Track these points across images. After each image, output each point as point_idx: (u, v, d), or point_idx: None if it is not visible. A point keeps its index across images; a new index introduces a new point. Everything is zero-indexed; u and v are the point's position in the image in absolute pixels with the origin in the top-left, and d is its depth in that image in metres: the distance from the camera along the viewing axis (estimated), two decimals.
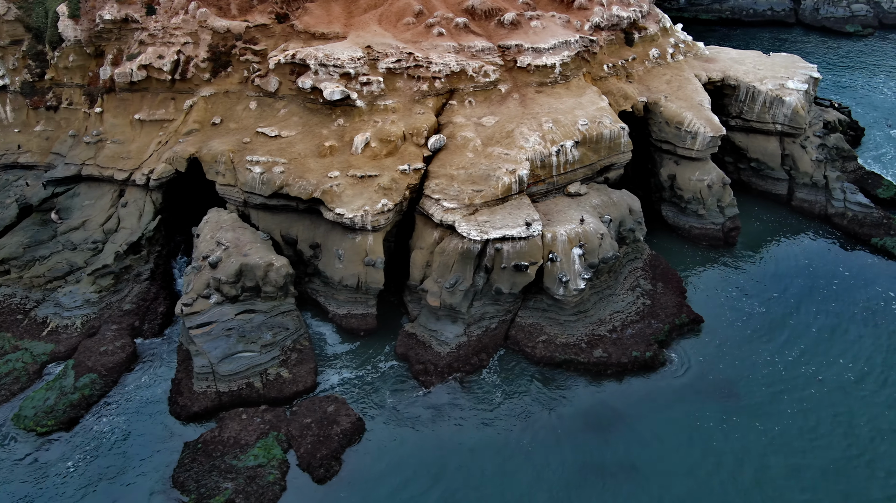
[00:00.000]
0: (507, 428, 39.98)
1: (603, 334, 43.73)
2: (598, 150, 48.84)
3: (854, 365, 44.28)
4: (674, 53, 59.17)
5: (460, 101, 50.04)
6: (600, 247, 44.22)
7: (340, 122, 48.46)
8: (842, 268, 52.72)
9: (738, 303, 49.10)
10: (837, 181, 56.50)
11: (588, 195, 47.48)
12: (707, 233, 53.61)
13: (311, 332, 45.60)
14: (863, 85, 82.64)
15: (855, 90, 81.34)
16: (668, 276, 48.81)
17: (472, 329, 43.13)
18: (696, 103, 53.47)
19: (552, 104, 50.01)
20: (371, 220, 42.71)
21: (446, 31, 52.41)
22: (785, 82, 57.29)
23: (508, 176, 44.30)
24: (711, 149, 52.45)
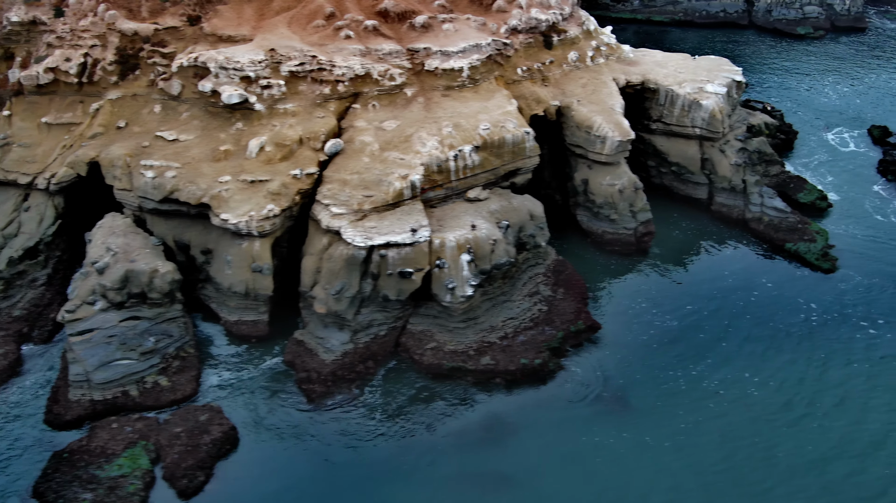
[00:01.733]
0: (386, 442, 39.27)
1: (493, 341, 43.22)
2: (502, 154, 48.32)
3: (759, 379, 43.38)
4: (594, 56, 58.65)
5: (364, 105, 49.52)
6: (493, 253, 43.70)
7: (239, 125, 47.94)
8: (756, 276, 52.03)
9: (643, 313, 48.47)
10: (756, 185, 56.01)
11: (488, 200, 46.94)
12: (619, 238, 53.12)
13: (202, 339, 45.07)
14: (808, 87, 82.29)
15: (799, 92, 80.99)
16: (572, 283, 48.28)
17: (359, 336, 42.60)
18: (607, 107, 52.98)
19: (457, 108, 49.49)
20: (256, 226, 42.19)
21: (355, 33, 51.87)
22: (704, 86, 56.82)
23: (400, 181, 43.78)
24: (621, 153, 51.96)
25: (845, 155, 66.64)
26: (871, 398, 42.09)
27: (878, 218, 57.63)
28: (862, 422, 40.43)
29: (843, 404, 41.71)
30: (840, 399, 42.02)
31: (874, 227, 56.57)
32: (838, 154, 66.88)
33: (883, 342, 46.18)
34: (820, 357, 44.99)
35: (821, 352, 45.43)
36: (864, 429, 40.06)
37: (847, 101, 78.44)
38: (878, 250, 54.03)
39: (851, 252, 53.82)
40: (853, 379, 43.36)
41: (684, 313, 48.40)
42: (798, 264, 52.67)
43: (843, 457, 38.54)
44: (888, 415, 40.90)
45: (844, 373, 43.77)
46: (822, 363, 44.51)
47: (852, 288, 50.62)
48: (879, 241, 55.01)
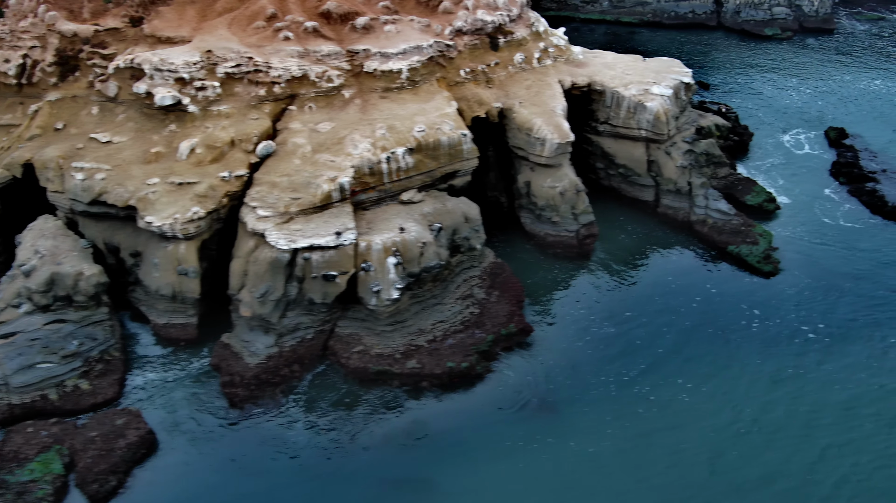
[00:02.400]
0: (307, 448, 38.81)
1: (421, 345, 42.97)
2: (437, 157, 48.07)
3: (692, 386, 42.90)
4: (541, 58, 58.43)
5: (300, 107, 49.27)
6: (422, 255, 43.47)
7: (172, 127, 47.66)
8: (699, 280, 51.57)
9: (580, 317, 48.11)
10: (702, 188, 55.78)
11: (422, 203, 46.70)
12: (561, 240, 52.88)
13: (131, 342, 44.80)
14: (772, 88, 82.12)
15: (762, 94, 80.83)
16: (508, 285, 48.05)
17: (284, 340, 42.33)
18: (549, 109, 52.76)
19: (394, 110, 49.27)
20: (180, 229, 41.92)
21: (294, 35, 51.60)
22: (650, 88, 56.61)
23: (328, 183, 43.53)
24: (561, 155, 51.73)
25: (799, 157, 66.45)
26: (801, 406, 41.72)
27: (825, 221, 57.44)
28: (785, 429, 40.17)
29: (772, 412, 41.34)
30: (770, 407, 41.67)
31: (820, 230, 56.38)
32: (792, 156, 66.70)
33: (821, 347, 45.83)
34: (756, 363, 44.60)
35: (757, 358, 45.01)
36: (787, 437, 39.73)
37: (809, 103, 78.29)
38: (822, 253, 53.85)
39: (795, 255, 53.64)
40: (786, 386, 43.00)
41: (622, 318, 48.02)
42: (740, 268, 52.39)
43: (760, 466, 38.31)
44: (816, 424, 40.52)
45: (778, 380, 43.40)
46: (757, 369, 44.07)
47: (793, 292, 50.35)
48: (824, 244, 54.82)
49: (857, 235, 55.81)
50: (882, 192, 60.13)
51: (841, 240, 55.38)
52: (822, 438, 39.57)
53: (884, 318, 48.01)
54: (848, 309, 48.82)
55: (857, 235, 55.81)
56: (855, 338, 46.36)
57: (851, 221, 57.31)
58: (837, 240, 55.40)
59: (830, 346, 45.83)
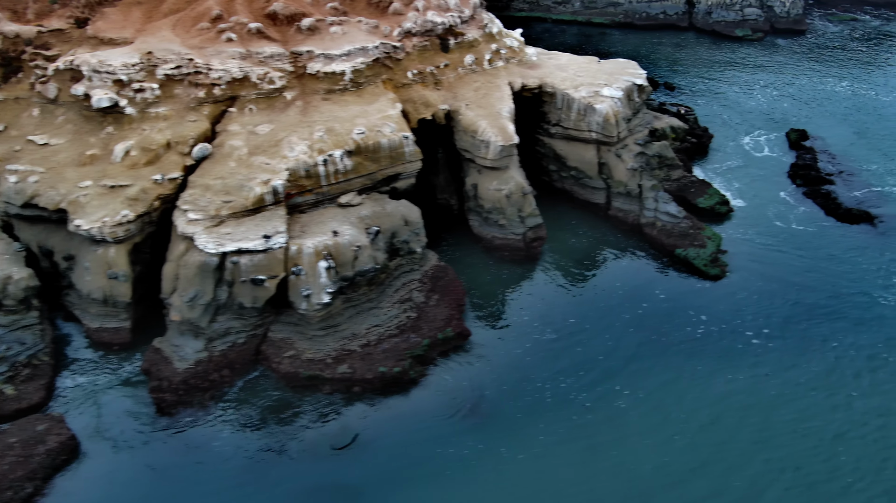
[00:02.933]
0: (234, 455, 38.28)
1: (354, 349, 42.56)
2: (378, 159, 47.68)
3: (630, 393, 42.29)
4: (492, 59, 58.03)
5: (241, 109, 48.84)
6: (356, 259, 43.07)
7: (110, 130, 47.22)
8: (646, 285, 50.74)
9: (522, 323, 47.44)
10: (652, 190, 55.41)
11: (360, 206, 46.31)
12: (508, 243, 52.49)
13: (64, 347, 44.36)
14: (738, 90, 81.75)
15: (728, 95, 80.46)
16: (450, 289, 47.65)
17: (214, 344, 41.90)
18: (494, 111, 52.37)
19: (335, 112, 48.88)
20: (109, 232, 41.49)
21: (237, 36, 51.19)
22: (600, 90, 56.23)
23: (261, 186, 43.12)
24: (506, 158, 51.31)
25: (758, 160, 66.08)
26: (745, 416, 40.89)
27: (777, 224, 57.06)
28: (729, 442, 39.35)
29: (714, 422, 40.36)
30: (712, 416, 40.76)
31: (772, 233, 56.01)
32: (751, 159, 66.34)
33: (765, 353, 45.16)
34: (698, 371, 43.95)
35: (701, 366, 44.34)
36: (730, 449, 39.03)
37: (774, 105, 77.95)
38: (771, 257, 53.46)
39: (745, 258, 53.24)
40: (730, 395, 42.07)
41: (564, 324, 47.40)
42: (688, 272, 51.95)
43: (704, 477, 37.70)
44: (757, 435, 39.86)
45: (721, 389, 42.44)
46: (700, 378, 43.32)
47: (740, 296, 49.83)
48: (773, 247, 54.43)
49: (809, 238, 55.45)
50: (837, 195, 59.83)
51: (792, 243, 55.01)
52: (765, 452, 38.77)
53: (830, 325, 47.44)
54: (794, 315, 48.26)
55: (809, 238, 55.45)
56: (800, 346, 45.66)
57: (804, 224, 56.95)
58: (788, 243, 55.03)
59: (775, 354, 45.16)
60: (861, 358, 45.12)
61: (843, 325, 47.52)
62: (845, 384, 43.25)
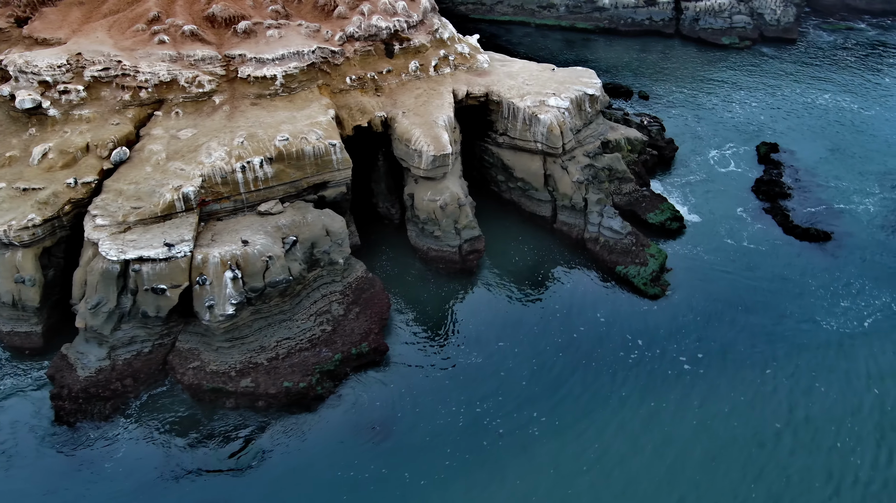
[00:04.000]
0: (122, 471, 37.32)
1: (260, 362, 41.45)
2: (302, 167, 46.53)
3: (546, 420, 40.58)
4: (438, 66, 56.63)
5: (167, 113, 48.05)
6: (267, 270, 41.94)
7: (33, 131, 46.67)
8: (584, 305, 48.78)
9: (445, 341, 45.81)
10: (598, 204, 53.58)
11: (280, 215, 45.21)
12: (443, 256, 51.05)
13: None
14: (716, 100, 79.30)
15: (703, 105, 78.08)
16: (373, 302, 46.37)
17: (118, 353, 41.05)
18: (430, 120, 50.97)
19: (261, 117, 47.85)
20: (14, 236, 40.83)
21: (170, 38, 50.41)
22: (547, 99, 54.54)
23: (172, 193, 42.20)
24: (439, 168, 49.84)
25: (721, 174, 63.81)
26: (662, 449, 38.97)
27: (727, 241, 54.91)
28: (639, 479, 37.48)
29: (629, 455, 38.59)
30: (628, 449, 38.94)
31: (721, 251, 53.89)
32: (714, 173, 64.10)
33: (695, 381, 43.14)
34: (623, 399, 42.06)
35: (627, 393, 42.36)
36: (639, 486, 37.22)
37: (750, 116, 75.45)
38: (717, 276, 51.41)
39: (689, 277, 51.29)
40: (650, 427, 40.27)
41: (493, 346, 45.49)
42: (628, 290, 50.15)
43: None
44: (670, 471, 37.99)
45: (642, 419, 40.70)
46: (624, 407, 41.37)
47: (679, 319, 47.77)
48: (721, 266, 52.34)
49: (760, 257, 53.26)
50: (795, 212, 57.52)
51: (741, 261, 52.88)
52: (675, 490, 36.98)
53: (768, 350, 45.41)
54: (733, 339, 46.22)
55: (760, 257, 53.26)
56: (733, 373, 43.69)
57: (757, 242, 54.72)
58: (738, 261, 52.91)
59: (705, 382, 43.19)
60: (796, 388, 43.04)
61: (783, 351, 45.42)
62: (775, 416, 41.21)
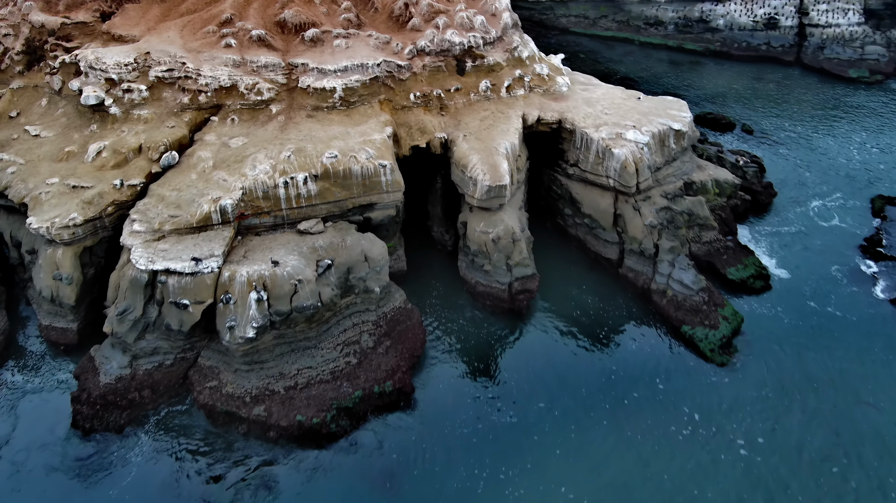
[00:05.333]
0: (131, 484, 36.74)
1: (277, 390, 39.56)
2: (349, 186, 44.34)
3: (574, 497, 36.33)
4: (511, 87, 52.93)
5: (223, 119, 47.18)
6: (296, 293, 39.97)
7: (94, 127, 47.03)
8: (639, 365, 43.74)
9: (481, 390, 42.06)
10: (670, 252, 48.26)
11: (320, 235, 43.20)
12: (492, 292, 47.48)
13: (18, 337, 44.62)
14: (831, 141, 70.89)
15: (817, 146, 69.94)
16: (407, 337, 43.56)
17: (140, 362, 40.32)
18: (491, 146, 47.43)
19: (314, 131, 46.03)
20: (55, 233, 40.91)
21: (237, 42, 49.59)
22: (625, 132, 49.68)
23: (210, 204, 41.04)
24: (495, 199, 46.24)
25: (822, 228, 56.36)
26: None
27: (811, 304, 48.12)
28: None
29: None
30: None
31: (804, 316, 47.21)
32: (814, 225, 56.71)
33: (749, 470, 37.76)
34: (660, 484, 37.27)
35: (670, 479, 37.50)
36: None
37: (869, 163, 66.77)
38: (793, 346, 44.94)
39: (763, 343, 45.23)
40: None
41: (530, 407, 41.14)
42: (693, 353, 44.73)
43: None
44: None
45: None
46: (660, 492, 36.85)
47: (744, 393, 42.01)
48: (800, 334, 45.77)
49: (845, 329, 46.22)
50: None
51: (824, 331, 46.09)
52: None
53: (836, 446, 38.82)
54: (799, 426, 40.04)
55: (845, 329, 46.22)
56: (792, 464, 37.86)
57: (845, 309, 47.59)
58: (820, 331, 46.13)
59: (760, 472, 37.65)
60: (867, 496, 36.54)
61: (854, 449, 38.77)
62: None
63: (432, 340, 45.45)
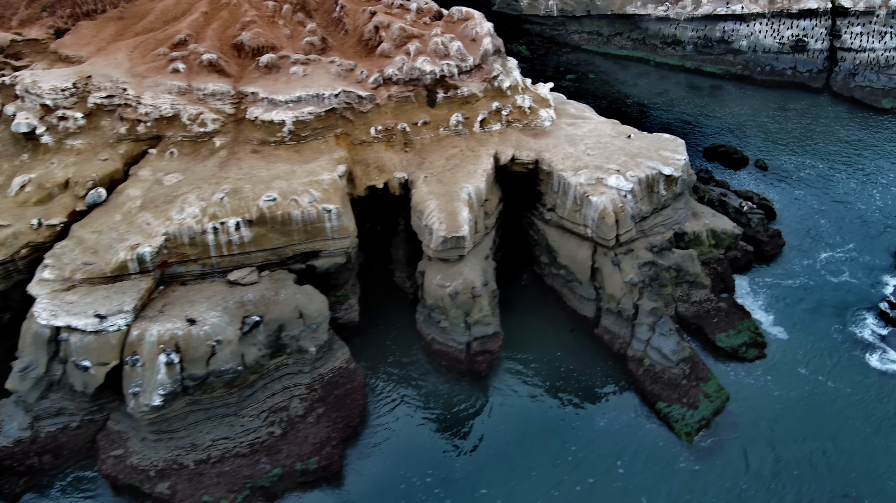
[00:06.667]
0: None
1: (186, 464, 35.45)
2: (289, 232, 40.11)
3: None
4: (486, 121, 48.09)
5: (162, 151, 43.39)
6: (214, 355, 35.85)
7: (25, 157, 43.64)
8: (605, 444, 38.84)
9: (413, 466, 37.45)
10: (651, 314, 42.89)
11: (252, 286, 39.05)
12: (448, 352, 42.76)
13: None
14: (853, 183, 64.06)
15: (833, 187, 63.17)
16: (344, 403, 39.16)
17: (44, 424, 36.60)
18: (453, 190, 42.70)
19: (256, 169, 41.93)
20: None
21: (186, 67, 45.81)
22: (607, 177, 44.45)
23: (127, 251, 37.17)
24: (452, 250, 41.52)
25: (829, 283, 50.15)
26: None
27: (801, 371, 42.56)
28: None
29: None
30: None
31: (795, 387, 41.92)
32: (821, 280, 50.50)
33: None
34: None
35: None
36: None
37: (893, 209, 60.04)
38: (780, 423, 39.77)
39: (747, 419, 40.39)
40: None
41: (472, 494, 36.25)
42: (667, 433, 39.40)
43: None
44: None
45: None
46: None
47: (717, 483, 37.06)
48: (789, 408, 40.37)
49: (836, 404, 40.79)
50: None
51: (814, 404, 40.91)
52: None
53: None
54: None
55: (836, 404, 40.79)
56: None
57: (840, 380, 42.17)
58: (809, 404, 40.82)
59: None
60: None
61: None
62: None
63: (377, 406, 40.94)
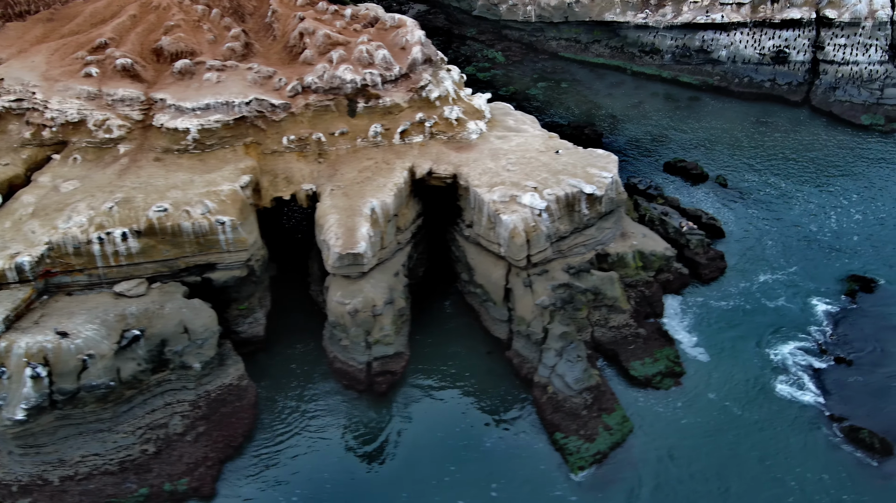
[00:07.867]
0: None
1: (51, 480, 34.65)
2: (180, 244, 39.16)
3: None
4: (407, 132, 46.63)
5: (65, 157, 42.76)
6: (85, 370, 35.00)
7: None
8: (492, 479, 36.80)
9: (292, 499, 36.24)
10: (560, 340, 41.06)
11: (137, 299, 38.14)
12: (349, 371, 41.45)
13: None
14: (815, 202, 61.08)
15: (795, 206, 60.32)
16: (230, 423, 38.15)
17: None
18: (356, 205, 41.34)
19: (154, 178, 41.05)
20: None
21: (99, 71, 45.12)
22: (522, 195, 42.71)
23: (6, 260, 36.49)
24: (351, 267, 40.18)
25: (762, 308, 47.45)
26: None
27: (711, 398, 40.81)
28: None
29: None
30: None
31: (701, 415, 39.73)
32: (756, 304, 47.83)
33: None
34: None
35: None
36: None
37: (850, 231, 56.94)
38: (683, 461, 37.44)
39: (646, 450, 38.31)
40: None
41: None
42: (562, 461, 37.62)
43: None
44: None
45: None
46: None
47: None
48: (683, 445, 38.23)
49: (739, 433, 38.67)
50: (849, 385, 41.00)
51: (718, 439, 38.47)
52: None
53: None
54: None
55: (739, 433, 38.67)
56: None
57: (746, 408, 40.05)
58: (714, 439, 38.47)
59: None
60: None
61: None
62: None
63: (270, 424, 39.77)
